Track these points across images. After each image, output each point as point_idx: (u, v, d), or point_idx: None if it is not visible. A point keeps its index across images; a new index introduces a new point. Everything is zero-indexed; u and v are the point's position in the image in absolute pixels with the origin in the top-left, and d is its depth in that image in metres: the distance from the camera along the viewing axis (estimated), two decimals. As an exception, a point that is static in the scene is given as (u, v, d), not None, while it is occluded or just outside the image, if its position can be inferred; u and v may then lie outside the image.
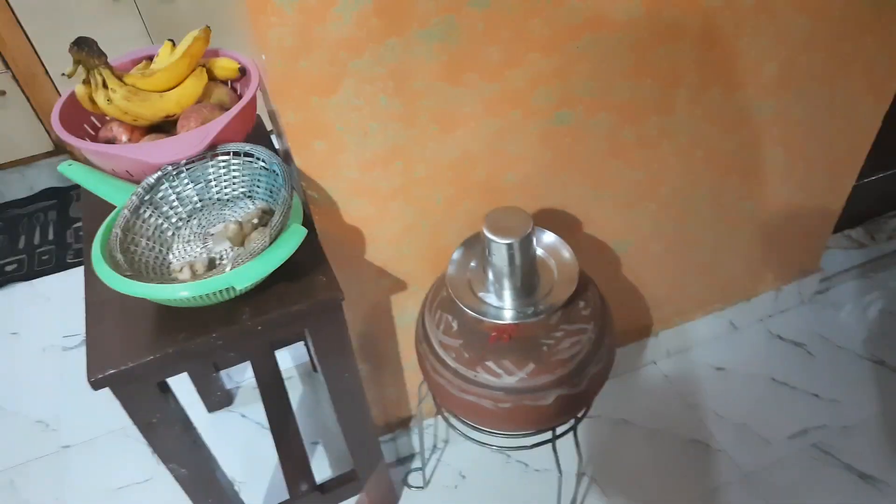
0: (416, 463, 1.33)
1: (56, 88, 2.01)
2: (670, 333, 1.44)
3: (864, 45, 1.12)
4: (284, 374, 1.36)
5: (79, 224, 2.10)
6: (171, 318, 0.78)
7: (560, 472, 1.00)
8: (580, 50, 0.90)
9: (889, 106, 1.26)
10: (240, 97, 0.97)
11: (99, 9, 1.89)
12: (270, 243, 0.73)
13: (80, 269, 1.85)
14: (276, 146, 1.02)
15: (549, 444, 0.97)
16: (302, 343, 1.54)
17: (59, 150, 2.15)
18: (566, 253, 0.91)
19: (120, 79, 0.86)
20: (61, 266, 1.95)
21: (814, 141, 1.23)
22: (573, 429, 0.99)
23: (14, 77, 1.97)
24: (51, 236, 2.07)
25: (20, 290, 1.89)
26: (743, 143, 1.16)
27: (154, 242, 0.82)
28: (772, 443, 1.31)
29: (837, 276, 1.61)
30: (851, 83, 1.17)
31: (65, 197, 2.22)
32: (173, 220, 0.83)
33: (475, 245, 0.94)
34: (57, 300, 1.85)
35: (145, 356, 0.74)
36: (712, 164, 1.16)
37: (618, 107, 0.99)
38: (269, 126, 1.03)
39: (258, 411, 1.43)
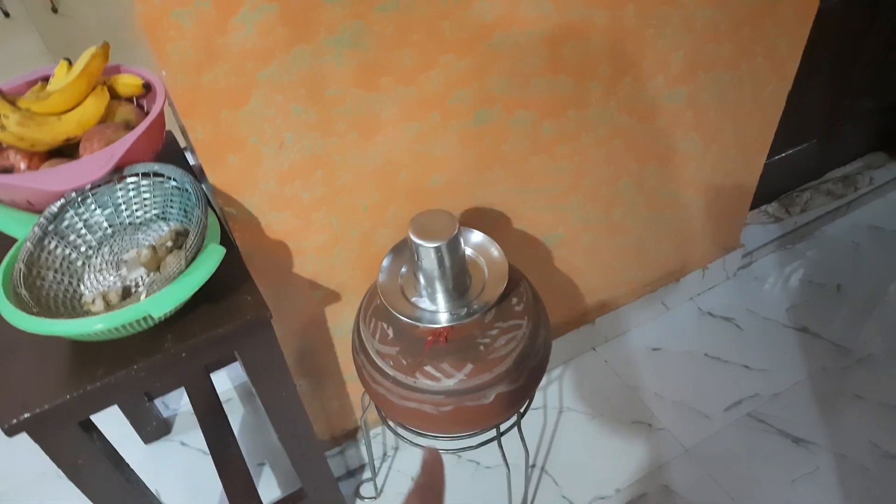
0: (367, 473, 1.31)
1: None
2: (606, 319, 1.48)
3: (764, 30, 1.17)
4: (223, 396, 1.32)
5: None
6: (88, 353, 0.73)
7: (508, 467, 1.00)
8: (493, 49, 0.91)
9: (791, 85, 1.32)
10: (147, 114, 0.93)
11: (-8, 28, 1.78)
12: (187, 266, 0.70)
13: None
14: (191, 162, 0.98)
15: (496, 442, 0.98)
16: (239, 363, 1.49)
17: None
18: (495, 251, 0.92)
19: (13, 103, 0.81)
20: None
21: (725, 123, 1.29)
22: (517, 424, 1.00)
23: None
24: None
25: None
26: (659, 130, 1.20)
27: (62, 275, 0.77)
28: (710, 416, 1.36)
29: (758, 250, 1.68)
30: (756, 66, 1.23)
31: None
32: (82, 248, 0.79)
33: (404, 251, 0.93)
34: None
35: (62, 396, 0.70)
36: (632, 153, 1.19)
37: (535, 103, 1.01)
38: (182, 142, 0.99)
39: (198, 438, 1.38)
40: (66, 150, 0.87)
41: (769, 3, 1.14)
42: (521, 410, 1.00)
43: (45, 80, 0.92)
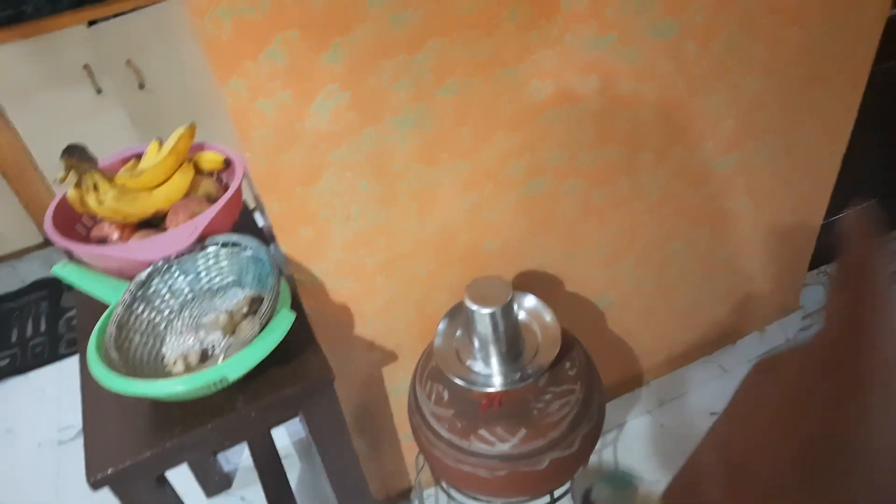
0: (420, 534, 1.32)
1: (45, 182, 2.06)
2: (662, 382, 1.46)
3: (815, 96, 1.19)
4: (282, 452, 1.36)
5: (71, 314, 2.11)
6: (167, 411, 0.79)
7: (562, 534, 1.00)
8: (545, 124, 0.96)
9: (845, 148, 1.32)
10: (226, 187, 1.01)
11: (84, 103, 1.96)
12: (260, 330, 0.76)
13: (73, 358, 1.85)
14: (260, 223, 1.06)
15: (549, 507, 0.98)
16: (298, 419, 1.54)
17: (50, 242, 2.18)
18: (548, 316, 0.94)
19: (110, 181, 0.91)
20: (54, 357, 1.94)
21: (778, 187, 1.29)
22: (570, 490, 0.99)
23: (2, 172, 2.02)
24: (43, 327, 2.07)
25: (14, 384, 1.88)
26: (710, 195, 1.21)
27: (148, 336, 0.84)
28: (772, 486, 1.31)
29: (818, 311, 1.64)
30: (807, 131, 1.24)
31: (56, 288, 2.23)
32: (165, 313, 0.86)
33: (459, 315, 0.97)
34: (51, 392, 1.84)
35: (144, 452, 0.75)
36: (683, 218, 1.21)
37: (586, 172, 1.04)
38: (251, 203, 1.07)
39: (258, 492, 1.42)
40: (154, 221, 0.95)
41: (818, 71, 1.16)
42: (576, 476, 1.00)
43: (138, 156, 1.02)
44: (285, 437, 1.55)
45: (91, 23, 1.86)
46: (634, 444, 1.43)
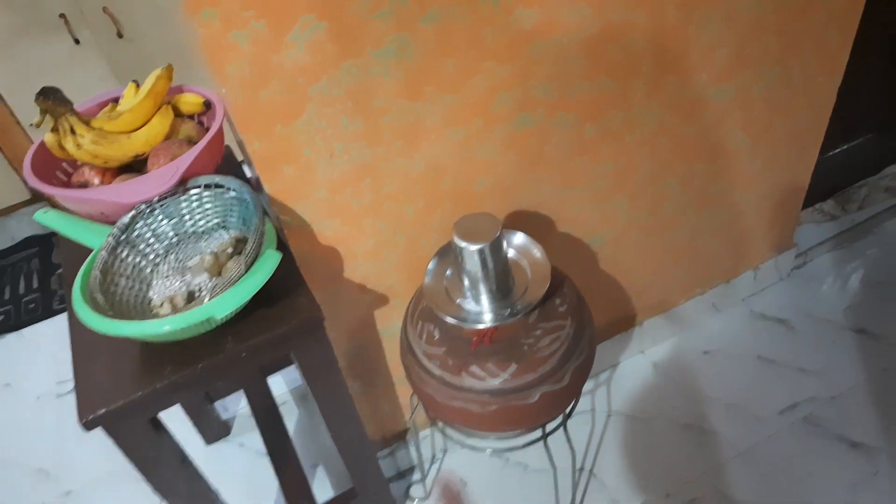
0: (417, 475, 1.34)
1: (29, 137, 2.02)
2: (655, 322, 1.47)
3: (812, 23, 1.15)
4: (279, 400, 1.37)
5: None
6: (157, 353, 0.79)
7: (555, 468, 1.01)
8: (534, 54, 0.93)
9: (842, 79, 1.29)
10: (207, 130, 0.98)
11: (62, 54, 1.90)
12: (246, 271, 0.75)
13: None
14: (248, 174, 1.04)
15: (542, 442, 0.99)
16: (295, 367, 1.55)
17: (37, 198, 2.16)
18: (537, 252, 0.93)
19: (87, 124, 0.88)
20: (48, 313, 1.94)
21: (774, 120, 1.27)
22: (562, 425, 1.01)
23: (-15, 129, 1.98)
24: (35, 284, 2.06)
25: (10, 341, 1.89)
26: (705, 127, 1.19)
27: (133, 281, 0.83)
28: (763, 420, 1.34)
29: (813, 249, 1.64)
30: (804, 61, 1.21)
31: (46, 244, 2.22)
32: (150, 256, 0.85)
33: (449, 254, 0.96)
34: (47, 347, 1.84)
35: (134, 393, 0.75)
36: (678, 152, 1.19)
37: (577, 105, 1.02)
38: (239, 156, 1.05)
39: (256, 439, 1.44)
40: (135, 166, 0.93)
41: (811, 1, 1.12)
42: (567, 412, 1.01)
43: (115, 101, 0.99)
44: (282, 384, 1.57)
45: (64, -32, 1.79)
46: (628, 383, 1.45)
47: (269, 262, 0.76)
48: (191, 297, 0.81)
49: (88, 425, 0.74)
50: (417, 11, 0.81)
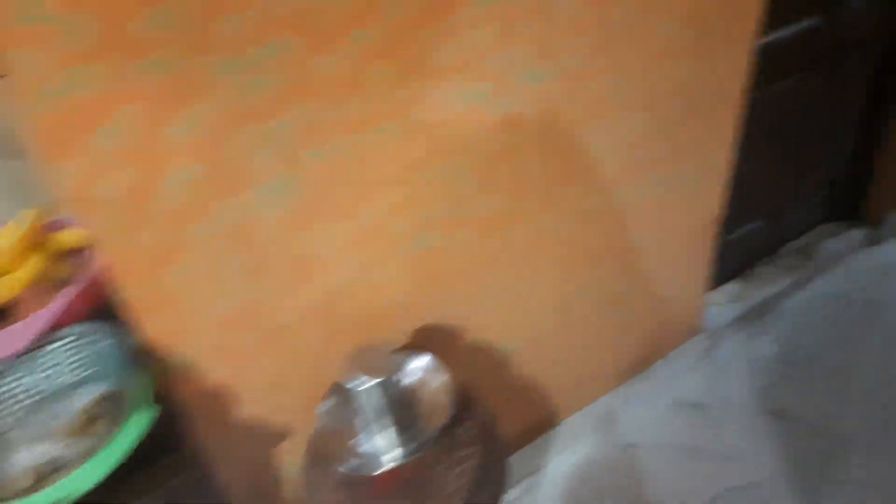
0: None
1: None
2: (575, 419, 1.45)
3: (693, 129, 1.22)
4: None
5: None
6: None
7: None
8: (426, 178, 0.93)
9: (727, 177, 1.36)
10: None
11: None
12: (118, 430, 0.69)
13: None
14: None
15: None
16: None
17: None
18: (440, 378, 0.90)
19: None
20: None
21: (668, 216, 1.31)
22: (480, 556, 0.95)
23: None
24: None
25: None
26: (603, 232, 1.22)
27: (-11, 449, 0.74)
28: (691, 514, 1.32)
29: (721, 330, 1.68)
30: (689, 164, 1.27)
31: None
32: (9, 420, 0.77)
33: (344, 390, 0.92)
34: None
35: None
36: (578, 257, 1.21)
37: (474, 223, 1.02)
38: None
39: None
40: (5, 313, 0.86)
41: (695, 104, 1.19)
42: (485, 540, 0.96)
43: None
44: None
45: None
46: (550, 490, 1.41)
47: (142, 420, 0.70)
48: (54, 465, 0.73)
49: None
50: (303, 146, 0.80)
